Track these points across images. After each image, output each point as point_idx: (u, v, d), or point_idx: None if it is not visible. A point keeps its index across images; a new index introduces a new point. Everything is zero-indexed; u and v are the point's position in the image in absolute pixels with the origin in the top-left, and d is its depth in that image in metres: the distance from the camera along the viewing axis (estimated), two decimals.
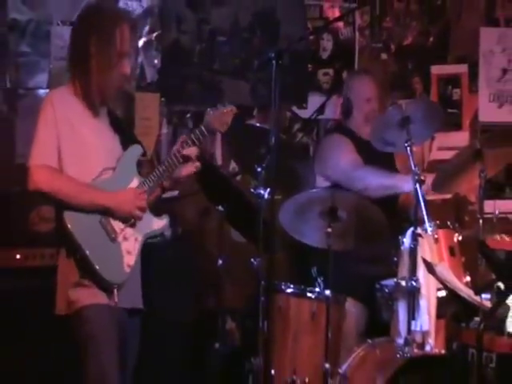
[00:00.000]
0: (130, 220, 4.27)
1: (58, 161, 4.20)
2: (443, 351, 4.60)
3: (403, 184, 5.22)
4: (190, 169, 4.43)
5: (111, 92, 4.35)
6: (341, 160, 5.52)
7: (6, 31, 5.63)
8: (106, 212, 4.22)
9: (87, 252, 4.12)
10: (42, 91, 5.61)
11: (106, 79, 4.27)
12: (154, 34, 5.94)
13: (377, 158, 5.35)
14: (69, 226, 4.15)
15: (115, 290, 4.18)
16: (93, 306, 4.15)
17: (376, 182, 5.35)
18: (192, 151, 4.39)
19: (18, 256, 5.19)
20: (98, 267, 4.13)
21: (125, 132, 4.49)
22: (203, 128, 4.43)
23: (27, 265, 5.16)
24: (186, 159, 4.39)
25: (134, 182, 4.34)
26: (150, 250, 4.51)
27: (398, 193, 5.45)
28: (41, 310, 4.38)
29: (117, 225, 4.24)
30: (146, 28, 5.91)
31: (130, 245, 4.27)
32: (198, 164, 4.44)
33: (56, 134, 4.20)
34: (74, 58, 4.32)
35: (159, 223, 4.43)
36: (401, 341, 4.73)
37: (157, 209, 4.47)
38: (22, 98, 5.66)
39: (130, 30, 4.33)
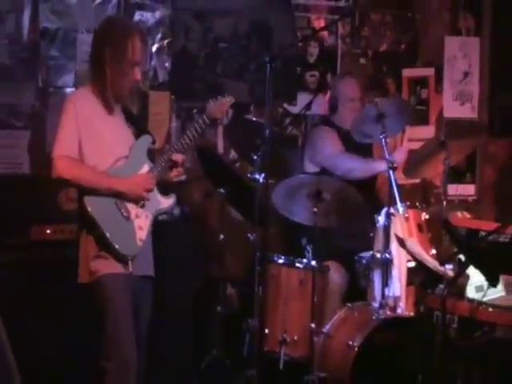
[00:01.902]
0: (140, 201, 4.27)
1: (78, 152, 4.19)
2: (412, 313, 4.61)
3: (379, 165, 5.23)
4: (175, 174, 4.42)
5: (124, 94, 4.36)
6: (327, 147, 5.53)
7: (38, 38, 5.62)
8: (120, 195, 4.22)
9: (105, 231, 4.14)
10: (68, 89, 5.60)
11: (119, 84, 4.27)
12: (166, 41, 5.92)
13: (357, 147, 5.35)
14: (89, 208, 4.15)
15: (130, 262, 4.19)
16: (110, 275, 4.17)
17: (357, 164, 5.36)
18: (178, 158, 4.39)
19: (48, 231, 5.18)
20: (114, 243, 4.15)
21: (137, 125, 4.49)
22: (205, 117, 4.43)
23: (56, 238, 5.16)
24: (174, 164, 4.38)
25: (145, 168, 4.34)
26: (161, 226, 4.52)
27: (375, 174, 5.44)
28: (66, 277, 4.39)
29: (130, 205, 4.25)
30: (159, 36, 5.89)
31: (142, 221, 4.28)
32: (181, 170, 4.42)
33: (76, 129, 4.20)
34: (93, 64, 4.32)
35: (167, 202, 4.44)
36: (376, 304, 4.74)
37: (167, 190, 4.47)
38: (51, 95, 5.65)
39: (141, 41, 4.32)
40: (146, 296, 4.38)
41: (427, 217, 4.79)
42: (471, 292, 3.94)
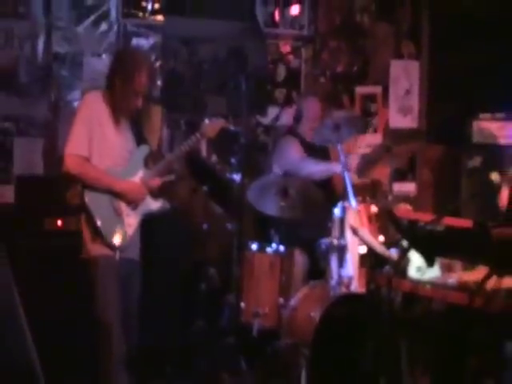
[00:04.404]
0: (132, 204, 4.23)
1: (88, 151, 4.14)
2: (363, 290, 4.60)
3: (334, 167, 5.21)
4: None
5: (128, 112, 4.29)
6: (291, 154, 5.48)
7: (51, 60, 5.60)
8: (116, 195, 4.18)
9: (98, 222, 4.11)
10: (76, 103, 5.57)
11: (123, 104, 4.21)
12: (158, 63, 5.89)
13: (316, 152, 5.34)
14: (86, 201, 4.11)
15: (117, 251, 4.15)
16: (102, 256, 4.16)
17: (316, 167, 5.32)
18: (155, 182, 4.35)
19: (59, 222, 5.13)
20: (104, 233, 4.12)
21: (139, 133, 4.44)
22: (199, 135, 4.40)
23: (65, 228, 5.11)
24: (151, 189, 4.33)
25: (140, 173, 4.30)
26: (154, 218, 4.48)
27: (332, 174, 5.41)
28: (73, 261, 4.35)
29: (123, 204, 4.21)
30: (152, 58, 5.86)
31: (131, 220, 4.25)
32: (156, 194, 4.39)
33: (88, 130, 4.15)
34: (106, 81, 4.27)
35: (155, 204, 4.40)
36: (333, 283, 4.72)
37: (159, 189, 4.43)
38: (62, 108, 5.62)
39: (148, 74, 4.26)
40: (135, 277, 4.34)
41: (376, 210, 4.78)
42: (412, 272, 3.93)
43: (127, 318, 4.22)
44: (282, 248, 4.98)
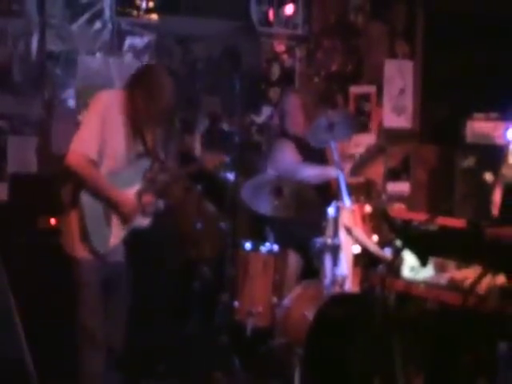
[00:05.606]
0: (124, 218, 4.20)
1: (96, 153, 4.07)
2: (357, 289, 4.61)
3: (330, 172, 5.21)
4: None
5: (140, 128, 4.25)
6: (285, 159, 5.48)
7: (45, 59, 5.58)
8: (111, 205, 4.14)
9: (87, 225, 4.07)
10: (70, 102, 5.58)
11: (140, 123, 4.18)
12: (152, 62, 5.88)
13: (313, 153, 5.34)
14: (82, 201, 4.07)
15: (100, 256, 4.14)
16: (86, 258, 4.13)
17: (311, 172, 5.32)
18: (148, 199, 4.31)
19: (52, 221, 5.13)
20: (91, 237, 4.09)
21: (144, 143, 4.36)
22: (198, 165, 4.39)
23: (59, 227, 5.09)
24: (143, 207, 4.30)
25: (136, 186, 4.25)
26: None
27: (329, 179, 5.41)
28: (66, 260, 4.35)
29: (114, 215, 4.17)
30: (146, 57, 5.86)
31: (118, 231, 4.21)
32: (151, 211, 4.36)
33: (100, 130, 4.07)
34: (129, 93, 4.20)
35: (143, 221, 4.35)
36: (327, 282, 4.73)
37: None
38: (56, 107, 5.60)
39: (170, 101, 4.21)
40: (121, 278, 4.31)
41: (370, 209, 4.79)
42: (406, 271, 3.95)
43: (113, 318, 4.21)
44: (275, 247, 4.98)
